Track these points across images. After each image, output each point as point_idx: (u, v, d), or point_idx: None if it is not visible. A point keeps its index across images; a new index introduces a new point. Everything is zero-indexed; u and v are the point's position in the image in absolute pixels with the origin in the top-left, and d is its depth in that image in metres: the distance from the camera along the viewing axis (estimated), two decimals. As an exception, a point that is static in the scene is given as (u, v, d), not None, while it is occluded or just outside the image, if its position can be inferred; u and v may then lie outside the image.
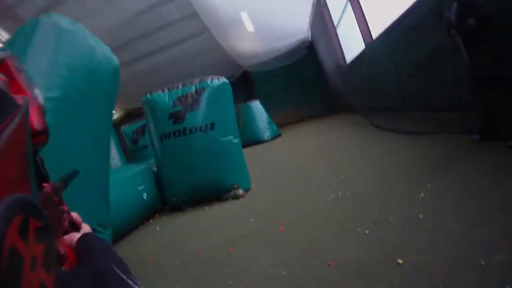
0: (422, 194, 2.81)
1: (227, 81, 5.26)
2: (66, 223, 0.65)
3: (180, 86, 5.18)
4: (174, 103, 5.07)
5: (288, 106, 14.62)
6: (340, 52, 11.62)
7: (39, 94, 0.47)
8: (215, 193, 4.97)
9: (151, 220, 4.82)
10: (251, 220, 3.65)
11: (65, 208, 0.64)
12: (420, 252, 1.96)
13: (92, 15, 7.67)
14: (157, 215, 5.04)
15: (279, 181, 5.17)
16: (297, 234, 2.86)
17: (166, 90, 5.19)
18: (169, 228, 4.19)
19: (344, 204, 3.25)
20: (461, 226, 2.13)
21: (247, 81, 15.20)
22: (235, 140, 5.19)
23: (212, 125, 4.98)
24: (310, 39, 14.12)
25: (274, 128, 11.51)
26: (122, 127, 9.06)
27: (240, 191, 4.96)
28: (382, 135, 6.08)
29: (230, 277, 2.44)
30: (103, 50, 2.40)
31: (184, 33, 10.25)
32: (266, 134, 11.02)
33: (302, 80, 14.60)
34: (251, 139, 11.08)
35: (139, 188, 4.65)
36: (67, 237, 0.63)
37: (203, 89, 5.06)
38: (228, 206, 4.53)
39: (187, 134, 4.94)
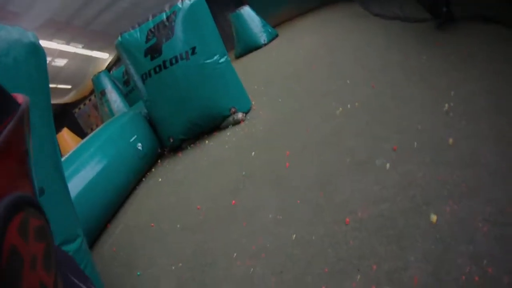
0: (446, 105, 2.19)
1: None
2: None
3: (151, 18, 4.41)
4: (147, 37, 4.35)
5: (280, 5, 13.20)
6: None
7: None
8: (213, 123, 4.50)
9: (153, 169, 4.49)
10: (253, 153, 3.22)
11: None
12: (459, 202, 1.47)
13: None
14: (159, 161, 4.70)
15: (281, 93, 4.60)
16: (305, 172, 2.41)
17: (137, 26, 4.43)
18: (170, 178, 3.85)
19: (355, 121, 2.70)
20: (503, 154, 1.59)
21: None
22: (223, 59, 4.48)
23: (193, 50, 4.29)
24: None
25: (270, 30, 10.60)
26: (111, 72, 8.44)
27: (240, 115, 4.46)
28: (384, 25, 5.08)
29: (233, 245, 2.10)
30: (10, 33, 1.69)
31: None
32: (263, 38, 10.19)
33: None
34: (248, 46, 10.40)
35: (131, 140, 4.20)
36: None
37: (175, 13, 4.27)
38: (228, 137, 4.09)
39: (168, 66, 4.29)
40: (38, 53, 1.80)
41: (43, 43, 8.53)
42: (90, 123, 13.57)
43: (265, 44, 10.09)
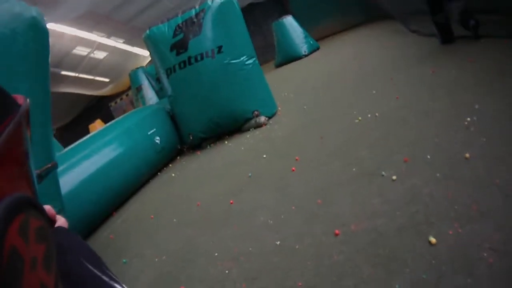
0: (468, 119, 1.95)
1: None
2: None
3: (180, 14, 4.43)
4: (174, 32, 4.36)
5: (325, 19, 13.05)
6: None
7: None
8: (234, 124, 4.41)
9: (170, 165, 4.48)
10: (265, 156, 3.10)
11: None
12: (466, 225, 1.24)
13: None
14: (178, 157, 4.68)
15: (307, 101, 4.45)
16: (309, 179, 2.24)
17: (166, 21, 4.46)
18: (184, 174, 3.80)
19: (371, 130, 2.50)
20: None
21: (279, -1, 13.69)
22: (250, 61, 4.39)
23: (220, 49, 4.23)
24: None
25: (311, 42, 10.46)
26: (144, 68, 8.67)
27: (262, 118, 4.34)
28: (420, 41, 4.85)
29: (218, 244, 1.98)
30: (14, 6, 1.78)
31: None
32: (303, 49, 10.07)
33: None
34: (288, 56, 10.30)
35: (149, 132, 4.20)
36: None
37: (204, 11, 4.25)
38: (247, 139, 3.98)
39: (193, 63, 4.26)
40: (37, 27, 1.88)
41: (83, 34, 8.72)
42: (124, 118, 14.03)
43: (305, 55, 9.95)
